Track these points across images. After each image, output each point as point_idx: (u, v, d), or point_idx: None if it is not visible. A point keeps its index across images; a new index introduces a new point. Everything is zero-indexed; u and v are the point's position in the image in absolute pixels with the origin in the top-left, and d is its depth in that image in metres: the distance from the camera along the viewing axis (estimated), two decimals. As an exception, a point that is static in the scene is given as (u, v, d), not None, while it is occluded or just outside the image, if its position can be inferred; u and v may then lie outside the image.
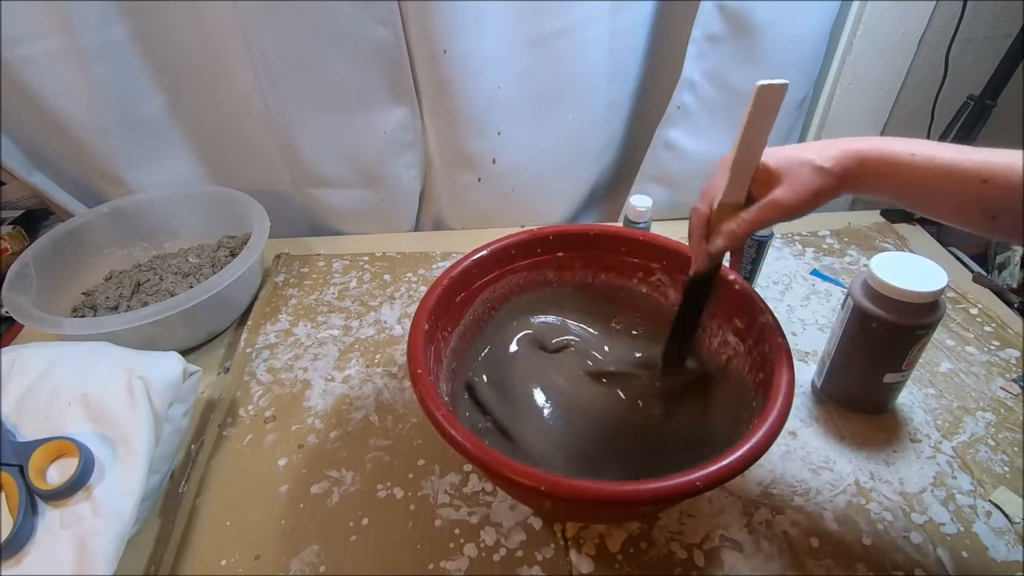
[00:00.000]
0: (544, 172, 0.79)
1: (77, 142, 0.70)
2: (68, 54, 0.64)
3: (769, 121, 0.38)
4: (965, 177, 0.34)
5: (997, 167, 0.33)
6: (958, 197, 0.35)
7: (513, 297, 0.56)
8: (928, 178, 0.35)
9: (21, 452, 0.43)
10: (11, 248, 0.78)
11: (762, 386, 0.43)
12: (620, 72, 0.74)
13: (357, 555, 0.45)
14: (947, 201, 0.36)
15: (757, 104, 0.37)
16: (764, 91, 0.37)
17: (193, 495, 0.49)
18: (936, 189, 0.36)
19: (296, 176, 0.79)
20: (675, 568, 0.44)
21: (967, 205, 0.35)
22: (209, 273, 0.70)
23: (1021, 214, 0.33)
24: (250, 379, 0.60)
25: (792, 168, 0.39)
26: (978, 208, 0.34)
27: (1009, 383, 0.57)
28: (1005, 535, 0.45)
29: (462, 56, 0.66)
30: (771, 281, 0.71)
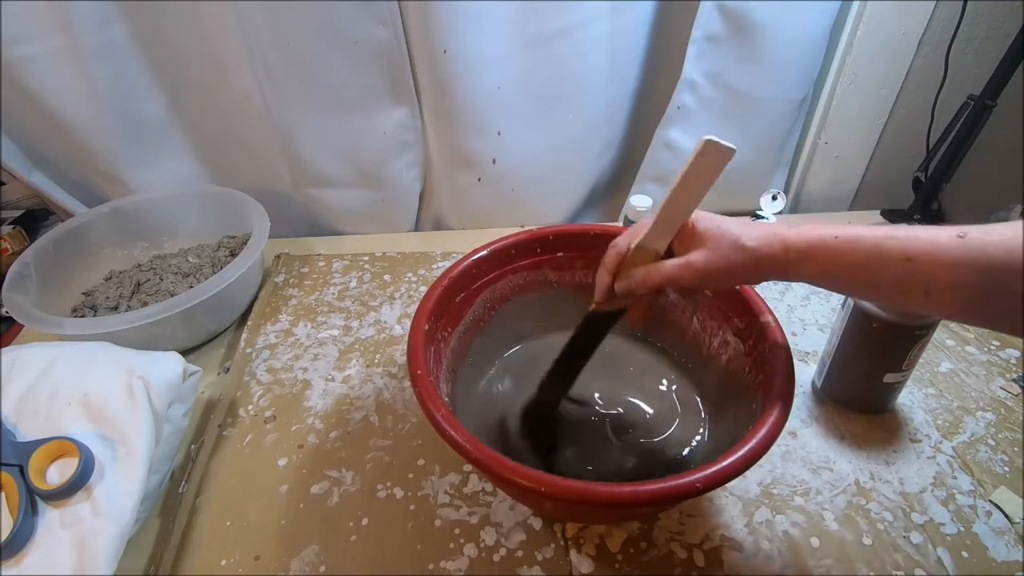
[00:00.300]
0: (544, 172, 0.79)
1: (77, 142, 0.70)
2: (68, 54, 0.64)
3: (710, 178, 0.37)
4: (889, 257, 0.33)
5: (920, 243, 0.32)
6: (886, 278, 0.34)
7: (513, 297, 0.56)
8: (854, 261, 0.35)
9: (21, 452, 0.43)
10: (11, 248, 0.78)
11: (762, 386, 0.43)
12: (620, 72, 0.74)
13: (357, 555, 0.45)
14: (876, 282, 0.35)
15: (700, 158, 0.36)
16: (710, 148, 0.36)
17: (193, 495, 0.49)
18: (862, 271, 0.35)
19: (296, 176, 0.79)
20: (675, 568, 0.44)
21: (896, 284, 0.34)
22: (209, 273, 0.70)
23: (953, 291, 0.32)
24: (250, 379, 0.60)
25: (716, 237, 0.39)
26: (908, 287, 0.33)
27: (1009, 383, 0.57)
28: (1005, 535, 0.45)
29: (462, 56, 0.66)
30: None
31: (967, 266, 0.31)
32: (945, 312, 0.34)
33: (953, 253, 0.31)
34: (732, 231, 0.39)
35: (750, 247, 0.38)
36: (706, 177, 0.37)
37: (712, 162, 0.37)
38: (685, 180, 0.37)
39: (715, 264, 0.38)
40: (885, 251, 0.33)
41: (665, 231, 0.40)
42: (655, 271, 0.40)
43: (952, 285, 0.31)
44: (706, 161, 0.36)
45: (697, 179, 0.37)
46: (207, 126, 0.76)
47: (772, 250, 0.37)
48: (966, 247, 0.31)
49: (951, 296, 0.32)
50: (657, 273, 0.40)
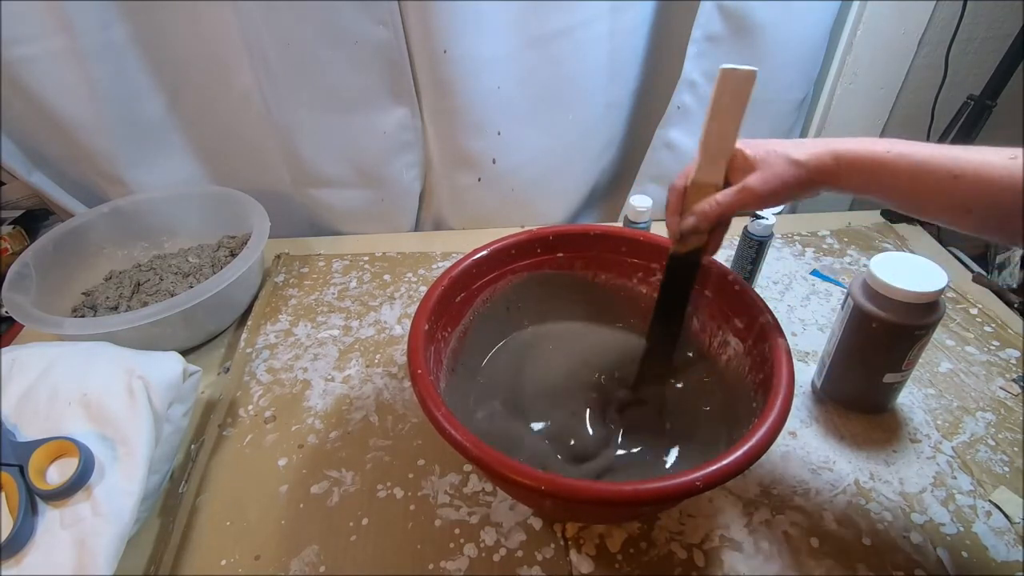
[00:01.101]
0: (544, 172, 0.79)
1: (77, 142, 0.70)
2: (68, 54, 0.64)
3: (739, 103, 0.39)
4: (937, 172, 0.35)
5: (969, 163, 0.34)
6: (931, 192, 0.35)
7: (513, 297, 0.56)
8: (902, 174, 0.36)
9: (21, 452, 0.43)
10: (11, 248, 0.78)
11: (762, 386, 0.43)
12: (620, 72, 0.74)
13: (357, 555, 0.45)
14: (921, 196, 0.36)
15: (721, 87, 0.39)
16: (728, 75, 0.38)
17: (193, 495, 0.49)
18: (909, 185, 0.36)
19: (296, 176, 0.79)
20: (675, 568, 0.44)
21: (941, 200, 0.35)
22: (209, 273, 0.70)
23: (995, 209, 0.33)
24: (250, 379, 0.60)
25: (767, 158, 0.41)
26: (952, 203, 0.35)
27: (1009, 383, 0.57)
28: (1005, 535, 0.45)
29: (462, 56, 0.66)
30: (771, 281, 0.71)
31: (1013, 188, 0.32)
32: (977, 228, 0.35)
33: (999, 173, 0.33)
34: (782, 150, 0.40)
35: (802, 161, 0.39)
36: (735, 103, 0.39)
37: (735, 88, 0.39)
38: (714, 111, 0.40)
39: (770, 184, 0.40)
40: (934, 166, 0.35)
41: (713, 163, 0.42)
42: (715, 204, 0.42)
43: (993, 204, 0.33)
44: (729, 89, 0.39)
45: (726, 108, 0.40)
46: (207, 126, 0.76)
47: (823, 162, 0.39)
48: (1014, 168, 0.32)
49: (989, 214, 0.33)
50: (718, 203, 0.42)
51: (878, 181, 0.37)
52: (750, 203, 0.41)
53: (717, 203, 0.42)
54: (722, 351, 0.50)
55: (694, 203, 0.43)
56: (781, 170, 0.40)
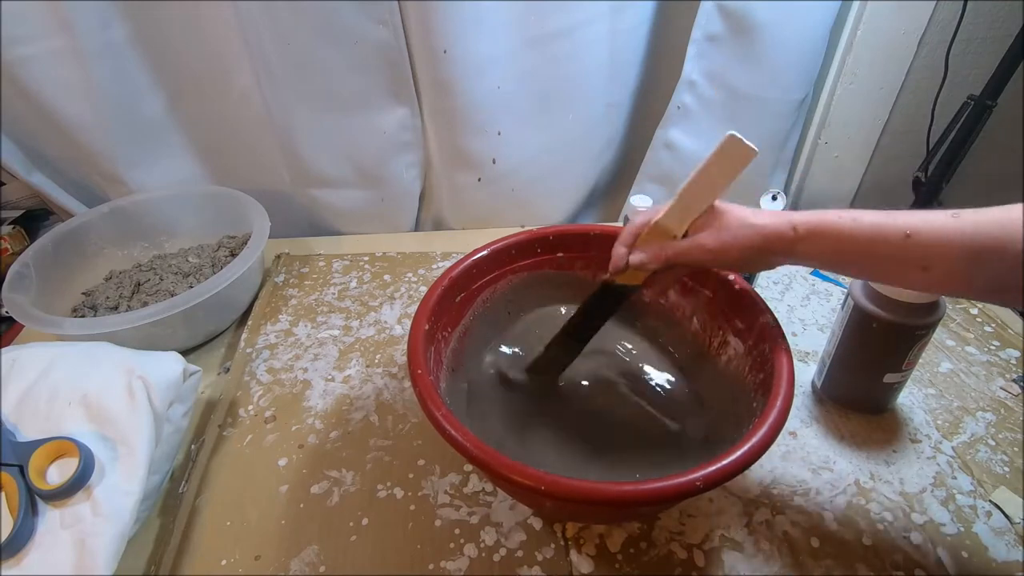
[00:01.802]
0: (544, 172, 0.79)
1: (77, 142, 0.70)
2: (68, 54, 0.64)
3: (730, 172, 0.40)
4: (890, 233, 0.36)
5: (919, 221, 0.35)
6: (887, 253, 0.36)
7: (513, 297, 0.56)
8: (857, 238, 0.37)
9: (21, 452, 0.43)
10: (11, 248, 0.78)
11: (762, 386, 0.43)
12: (620, 72, 0.74)
13: (357, 555, 0.45)
14: (878, 258, 0.37)
15: (722, 151, 0.39)
16: (732, 143, 0.38)
17: (193, 495, 0.49)
18: (866, 248, 0.37)
19: (296, 176, 0.79)
20: (675, 568, 0.44)
21: (897, 259, 0.36)
22: (209, 273, 0.70)
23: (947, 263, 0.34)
24: (250, 379, 0.60)
25: (725, 217, 0.41)
26: (907, 262, 0.36)
27: (1009, 383, 0.57)
28: (1005, 535, 0.45)
29: (462, 56, 0.66)
30: (771, 281, 0.71)
31: (961, 240, 0.34)
32: (942, 286, 0.37)
33: (948, 228, 0.34)
34: (741, 212, 0.41)
35: (757, 225, 0.40)
36: (726, 171, 0.40)
37: (733, 157, 0.39)
38: (706, 169, 0.40)
39: (723, 242, 0.41)
40: (885, 228, 0.36)
41: (682, 216, 0.42)
42: (667, 246, 0.43)
43: (947, 257, 0.34)
44: (727, 155, 0.39)
45: (717, 171, 0.40)
46: (207, 126, 0.76)
47: (779, 228, 0.39)
48: (960, 223, 0.34)
49: (947, 268, 0.35)
50: (669, 248, 0.43)
51: (836, 248, 0.38)
52: (700, 257, 0.42)
53: (671, 248, 0.43)
54: (722, 351, 0.50)
55: (647, 243, 0.44)
56: (737, 233, 0.40)
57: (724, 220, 0.41)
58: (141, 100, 0.71)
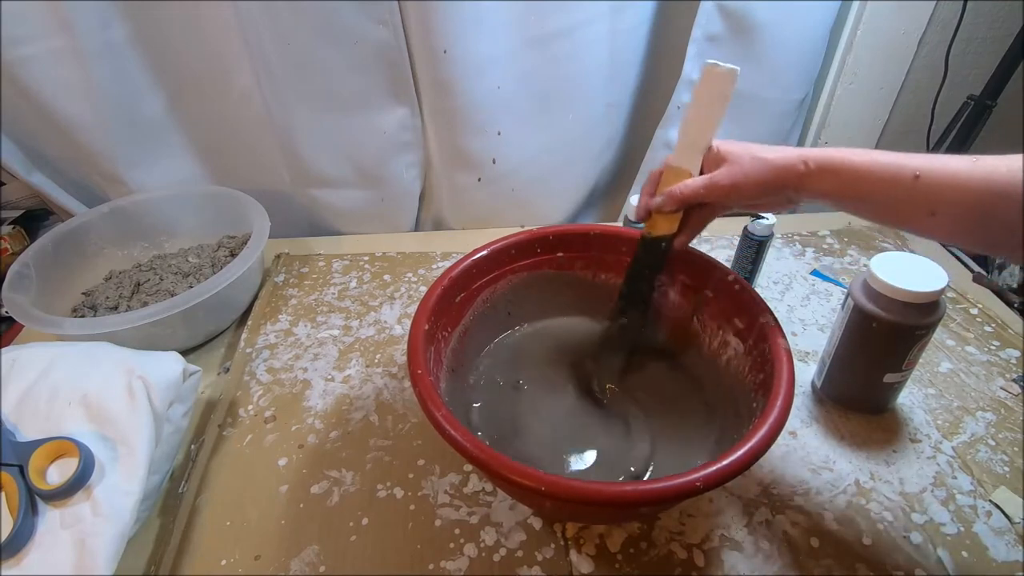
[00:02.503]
0: (544, 172, 0.79)
1: (77, 142, 0.70)
2: (68, 54, 0.64)
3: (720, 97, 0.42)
4: (900, 172, 0.35)
5: (931, 164, 0.34)
6: (893, 193, 0.36)
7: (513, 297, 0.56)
8: (866, 177, 0.37)
9: (21, 452, 0.43)
10: (11, 248, 0.78)
11: (762, 386, 0.43)
12: (620, 72, 0.74)
13: (357, 555, 0.45)
14: (884, 198, 0.37)
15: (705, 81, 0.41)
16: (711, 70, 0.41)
17: (193, 495, 0.49)
18: (873, 187, 0.37)
19: (296, 176, 0.79)
20: (675, 568, 0.44)
21: (905, 202, 0.36)
22: (209, 273, 0.70)
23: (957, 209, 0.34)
24: (250, 379, 0.60)
25: (737, 155, 0.42)
26: (915, 204, 0.35)
27: (1009, 383, 0.57)
28: (1005, 535, 0.45)
29: (462, 56, 0.66)
30: (771, 281, 0.71)
31: (973, 187, 0.33)
32: (946, 233, 0.36)
33: (962, 174, 0.33)
34: (753, 150, 0.42)
35: (769, 158, 0.40)
36: (715, 99, 0.42)
37: (717, 84, 0.41)
38: (697, 102, 0.42)
39: (735, 178, 0.42)
40: (897, 168, 0.35)
41: (689, 151, 0.44)
42: (683, 186, 0.44)
43: (956, 204, 0.33)
44: (711, 83, 0.41)
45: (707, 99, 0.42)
46: (207, 126, 0.76)
47: (790, 161, 0.40)
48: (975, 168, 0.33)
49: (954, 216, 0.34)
50: (684, 187, 0.44)
51: (846, 183, 0.38)
52: (714, 194, 0.43)
53: (686, 188, 0.44)
54: (722, 351, 0.50)
55: (665, 185, 0.46)
56: (748, 167, 0.41)
57: (734, 156, 0.42)
58: (141, 100, 0.71)
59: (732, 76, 0.41)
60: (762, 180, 0.41)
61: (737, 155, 0.42)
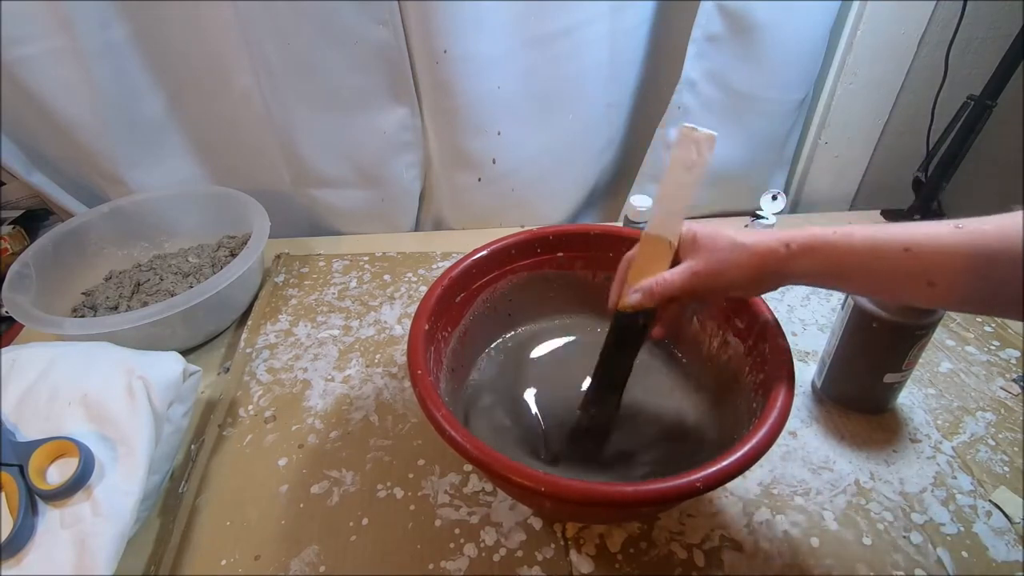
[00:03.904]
0: (544, 172, 0.79)
1: (77, 142, 0.70)
2: (68, 54, 0.64)
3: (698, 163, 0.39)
4: (887, 247, 0.34)
5: (918, 235, 0.33)
6: (886, 269, 0.35)
7: (513, 297, 0.56)
8: (853, 254, 0.36)
9: (21, 452, 0.43)
10: (11, 248, 0.78)
11: (762, 386, 0.43)
12: (620, 72, 0.74)
13: (357, 555, 0.45)
14: (877, 275, 0.36)
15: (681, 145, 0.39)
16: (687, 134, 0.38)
17: (193, 495, 0.49)
18: (862, 264, 0.36)
19: (296, 176, 0.79)
20: (675, 568, 0.44)
21: (898, 274, 0.35)
22: (209, 273, 0.70)
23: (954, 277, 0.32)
24: (250, 379, 0.60)
25: (713, 241, 0.41)
26: (910, 276, 0.34)
27: (1009, 383, 0.57)
28: (1005, 535, 0.45)
29: (462, 56, 0.66)
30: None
31: (965, 252, 0.32)
32: (948, 302, 0.35)
33: (949, 241, 0.32)
34: (730, 234, 0.40)
35: (749, 244, 0.39)
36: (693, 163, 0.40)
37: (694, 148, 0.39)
38: (672, 168, 0.40)
39: (715, 266, 0.40)
40: (882, 242, 0.34)
41: (667, 219, 0.42)
42: (660, 281, 0.42)
43: (952, 271, 0.32)
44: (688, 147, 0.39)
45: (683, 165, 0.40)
46: (207, 126, 0.76)
47: (771, 246, 0.38)
48: (962, 234, 0.32)
49: (952, 283, 0.33)
50: (661, 282, 0.42)
51: (833, 262, 0.37)
52: (693, 284, 0.41)
53: (663, 281, 0.42)
54: (722, 351, 0.50)
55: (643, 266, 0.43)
56: (726, 253, 0.40)
57: (711, 244, 0.40)
58: (141, 100, 0.71)
59: (710, 142, 0.39)
60: (743, 266, 0.39)
61: (712, 241, 0.40)
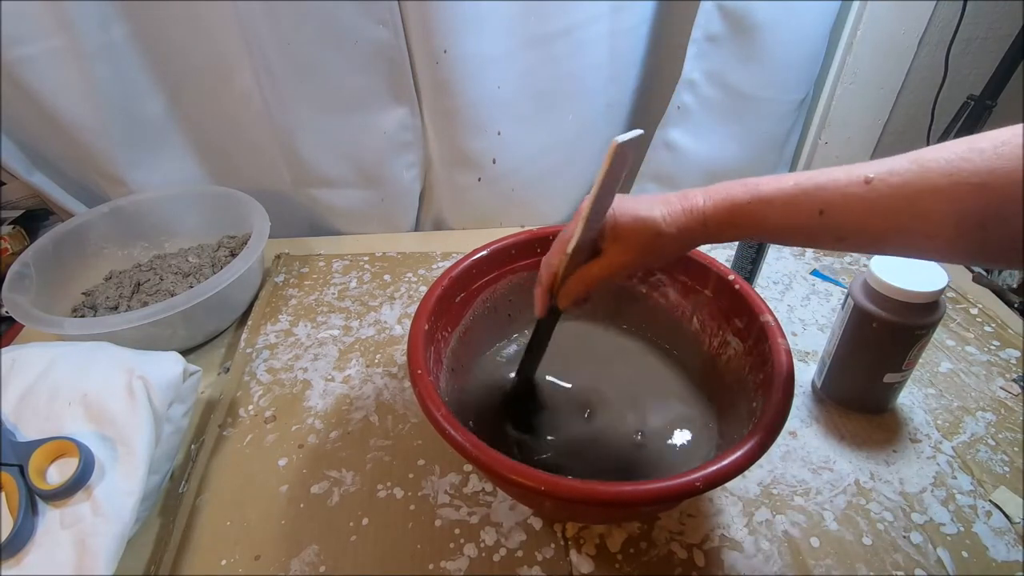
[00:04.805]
0: (544, 172, 0.79)
1: (77, 142, 0.70)
2: (68, 54, 0.64)
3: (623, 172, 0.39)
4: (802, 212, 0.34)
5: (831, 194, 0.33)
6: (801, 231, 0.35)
7: (513, 298, 0.56)
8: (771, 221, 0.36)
9: (21, 452, 0.43)
10: (11, 248, 0.78)
11: (762, 386, 0.43)
12: (620, 72, 0.74)
13: (357, 555, 0.45)
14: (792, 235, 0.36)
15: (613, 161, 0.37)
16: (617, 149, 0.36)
17: (193, 495, 0.49)
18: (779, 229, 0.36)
19: (296, 176, 0.79)
20: (675, 568, 0.44)
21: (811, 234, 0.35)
22: (209, 273, 0.70)
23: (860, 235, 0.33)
24: (250, 379, 0.60)
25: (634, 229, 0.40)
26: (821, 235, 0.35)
27: (1009, 383, 0.57)
28: (1005, 535, 0.45)
29: (462, 56, 0.66)
30: (771, 281, 0.71)
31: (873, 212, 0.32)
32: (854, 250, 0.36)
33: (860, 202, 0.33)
34: (652, 220, 0.39)
35: (671, 233, 0.39)
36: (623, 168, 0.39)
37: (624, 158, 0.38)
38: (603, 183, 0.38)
39: (636, 257, 0.40)
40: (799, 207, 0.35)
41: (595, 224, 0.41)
42: (584, 278, 0.42)
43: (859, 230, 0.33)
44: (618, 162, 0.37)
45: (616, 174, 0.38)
46: (207, 126, 0.76)
47: (690, 228, 0.39)
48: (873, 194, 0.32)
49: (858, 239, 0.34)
50: (587, 278, 0.42)
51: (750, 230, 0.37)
52: (618, 274, 0.41)
53: (588, 277, 0.42)
54: (722, 351, 0.50)
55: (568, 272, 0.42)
56: (650, 242, 0.39)
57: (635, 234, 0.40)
58: (141, 100, 0.71)
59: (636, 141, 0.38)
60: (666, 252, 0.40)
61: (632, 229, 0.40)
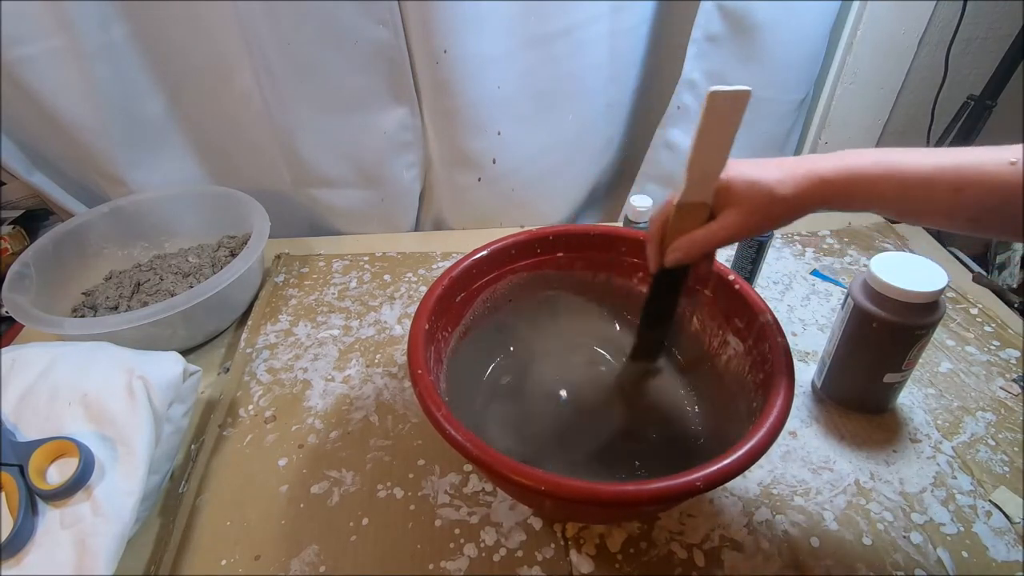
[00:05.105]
0: (544, 172, 0.79)
1: (77, 142, 0.70)
2: (68, 54, 0.64)
3: (730, 124, 0.37)
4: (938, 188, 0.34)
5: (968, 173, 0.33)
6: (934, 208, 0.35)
7: (513, 297, 0.56)
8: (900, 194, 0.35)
9: (21, 452, 0.43)
10: (11, 248, 0.78)
11: (762, 386, 0.43)
12: (620, 72, 0.74)
13: (357, 555, 0.45)
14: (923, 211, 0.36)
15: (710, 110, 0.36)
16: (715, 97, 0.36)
17: (193, 495, 0.49)
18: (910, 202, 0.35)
19: (296, 176, 0.79)
20: (675, 568, 0.44)
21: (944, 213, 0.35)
22: (209, 273, 0.70)
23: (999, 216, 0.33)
24: (250, 379, 0.60)
25: (749, 193, 0.39)
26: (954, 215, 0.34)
27: (1009, 383, 0.57)
28: (1005, 535, 0.45)
29: (462, 56, 0.66)
30: (771, 281, 0.71)
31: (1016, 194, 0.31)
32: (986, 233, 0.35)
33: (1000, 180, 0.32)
34: (766, 183, 0.38)
35: (784, 197, 0.38)
36: (725, 124, 0.37)
37: (725, 110, 0.36)
38: (702, 133, 0.37)
39: (752, 221, 0.39)
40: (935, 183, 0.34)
41: (701, 186, 0.40)
42: (698, 238, 0.41)
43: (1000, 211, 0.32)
44: (717, 111, 0.36)
45: (716, 129, 0.37)
46: (207, 126, 0.76)
47: (807, 196, 0.38)
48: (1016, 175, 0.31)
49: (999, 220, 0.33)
50: (701, 239, 0.41)
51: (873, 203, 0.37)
52: (732, 238, 0.41)
53: (702, 239, 0.41)
54: (722, 351, 0.50)
55: (679, 227, 0.42)
56: (764, 207, 0.39)
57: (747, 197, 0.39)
58: (141, 100, 0.71)
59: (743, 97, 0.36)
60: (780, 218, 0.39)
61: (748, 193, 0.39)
